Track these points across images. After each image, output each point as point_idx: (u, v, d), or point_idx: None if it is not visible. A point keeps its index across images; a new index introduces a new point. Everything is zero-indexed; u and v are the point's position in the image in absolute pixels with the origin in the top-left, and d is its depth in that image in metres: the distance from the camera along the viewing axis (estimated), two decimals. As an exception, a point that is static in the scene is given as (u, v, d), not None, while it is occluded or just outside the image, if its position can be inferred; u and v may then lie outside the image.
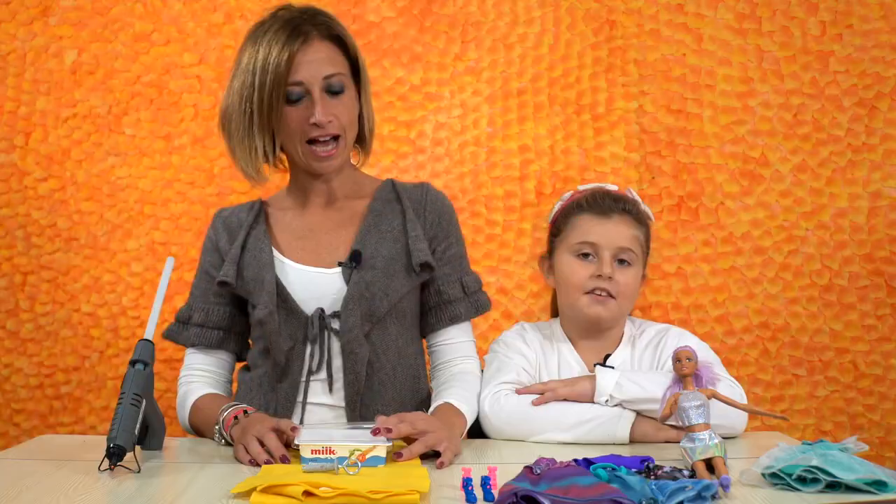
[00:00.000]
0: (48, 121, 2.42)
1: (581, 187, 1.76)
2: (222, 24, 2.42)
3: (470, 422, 1.59)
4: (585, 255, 1.67)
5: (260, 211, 1.74)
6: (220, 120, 1.68)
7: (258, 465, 1.38)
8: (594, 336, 1.70)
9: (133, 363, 1.42)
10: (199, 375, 1.72)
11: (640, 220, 1.70)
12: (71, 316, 2.41)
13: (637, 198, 1.73)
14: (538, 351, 1.70)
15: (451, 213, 1.76)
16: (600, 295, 1.65)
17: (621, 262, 1.66)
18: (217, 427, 1.55)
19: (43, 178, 2.42)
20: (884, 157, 2.38)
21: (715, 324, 2.39)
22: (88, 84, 2.42)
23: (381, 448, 1.35)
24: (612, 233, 1.66)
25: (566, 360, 1.68)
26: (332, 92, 1.62)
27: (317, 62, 1.60)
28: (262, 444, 1.41)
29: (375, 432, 1.39)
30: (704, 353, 1.61)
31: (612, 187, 1.73)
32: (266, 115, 1.60)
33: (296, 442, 1.37)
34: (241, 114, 1.61)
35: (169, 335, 1.74)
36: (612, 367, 1.61)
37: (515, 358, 1.68)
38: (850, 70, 2.39)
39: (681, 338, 1.67)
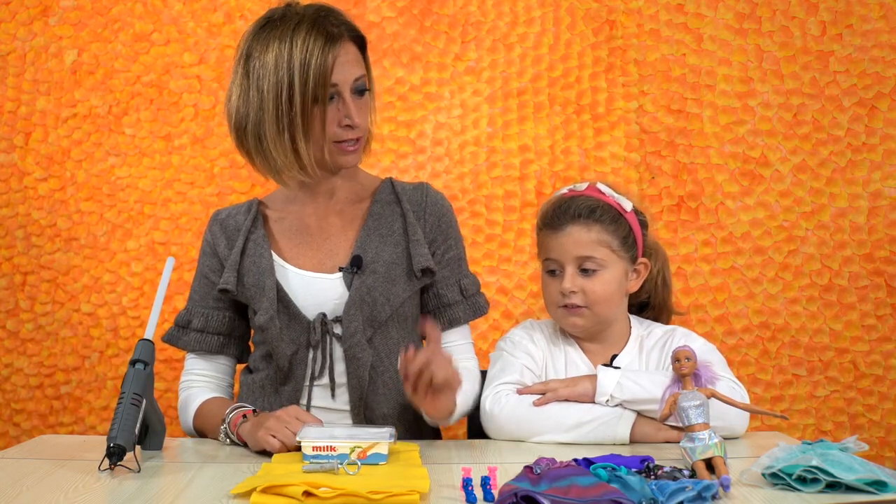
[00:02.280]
0: (48, 121, 2.42)
1: (557, 193, 1.75)
2: (222, 24, 2.42)
3: (460, 412, 1.59)
4: (552, 272, 1.67)
5: (257, 213, 1.72)
6: (239, 124, 1.60)
7: (285, 451, 1.43)
8: (594, 339, 1.69)
9: (133, 363, 1.43)
10: (200, 381, 1.72)
11: (605, 218, 1.64)
12: (71, 316, 2.41)
13: (603, 194, 1.67)
14: (545, 350, 1.70)
15: (450, 214, 1.76)
16: (571, 307, 1.65)
17: (585, 270, 1.64)
18: (223, 427, 1.55)
19: (43, 178, 2.42)
20: (884, 157, 2.38)
21: (715, 324, 2.39)
22: (88, 84, 2.42)
23: (382, 445, 1.35)
24: (566, 245, 1.64)
25: (573, 360, 1.68)
26: (359, 93, 1.62)
27: (348, 64, 1.59)
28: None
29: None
30: (710, 354, 1.61)
31: (581, 186, 1.69)
32: (308, 117, 1.57)
33: (297, 438, 1.37)
34: (277, 117, 1.56)
35: (168, 339, 1.73)
36: (619, 368, 1.60)
37: (521, 357, 1.67)
38: (850, 70, 2.39)
39: (687, 338, 1.66)
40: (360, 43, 1.64)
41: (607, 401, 1.55)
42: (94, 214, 2.41)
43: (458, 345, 1.73)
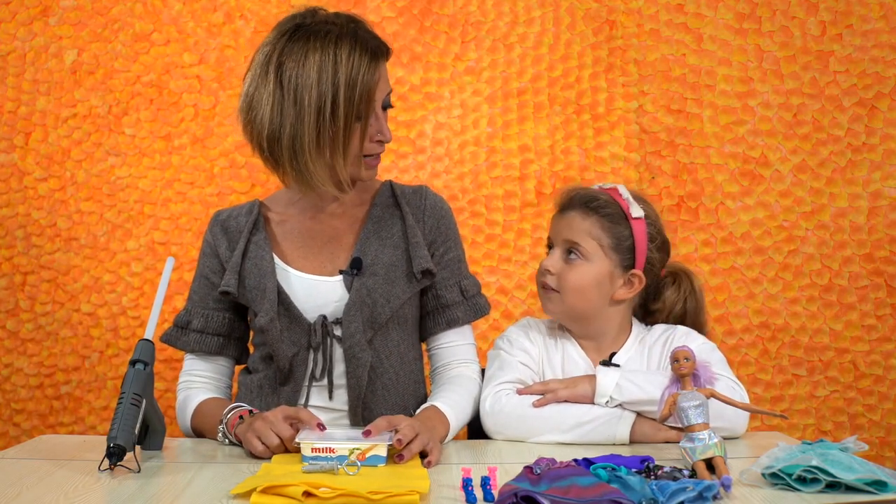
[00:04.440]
0: (48, 121, 2.42)
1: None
2: (222, 24, 2.42)
3: (456, 426, 1.58)
4: (549, 251, 1.69)
5: (259, 215, 1.73)
6: (273, 136, 1.56)
7: (268, 455, 1.41)
8: (587, 336, 1.69)
9: (133, 363, 1.43)
10: (199, 381, 1.72)
11: (605, 213, 1.64)
12: (71, 316, 2.41)
13: (621, 197, 1.66)
14: (542, 348, 1.69)
15: (449, 216, 1.76)
16: (545, 288, 1.65)
17: (570, 255, 1.64)
18: (221, 427, 1.55)
19: (43, 178, 2.42)
20: (884, 157, 2.38)
21: (715, 324, 2.38)
22: (88, 84, 2.42)
23: (381, 447, 1.35)
24: (561, 227, 1.66)
25: (571, 358, 1.68)
26: (385, 107, 1.63)
27: (384, 80, 1.61)
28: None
29: (366, 434, 1.39)
30: (710, 353, 1.60)
31: (604, 185, 1.70)
32: (349, 133, 1.56)
33: (297, 440, 1.37)
34: (318, 131, 1.54)
35: (168, 340, 1.73)
36: (618, 365, 1.60)
37: (518, 355, 1.67)
38: (850, 70, 2.39)
39: (687, 337, 1.66)
40: (387, 58, 1.65)
41: (607, 402, 1.55)
42: (94, 214, 2.41)
43: (457, 346, 1.73)
